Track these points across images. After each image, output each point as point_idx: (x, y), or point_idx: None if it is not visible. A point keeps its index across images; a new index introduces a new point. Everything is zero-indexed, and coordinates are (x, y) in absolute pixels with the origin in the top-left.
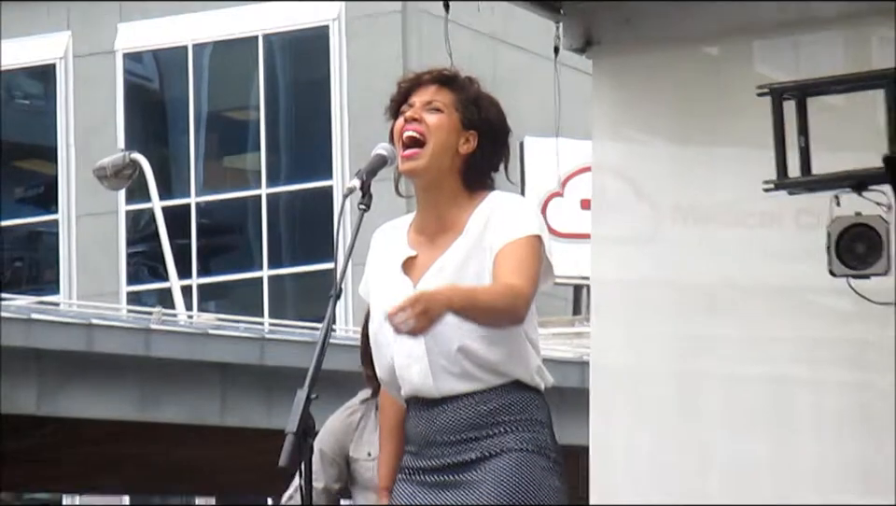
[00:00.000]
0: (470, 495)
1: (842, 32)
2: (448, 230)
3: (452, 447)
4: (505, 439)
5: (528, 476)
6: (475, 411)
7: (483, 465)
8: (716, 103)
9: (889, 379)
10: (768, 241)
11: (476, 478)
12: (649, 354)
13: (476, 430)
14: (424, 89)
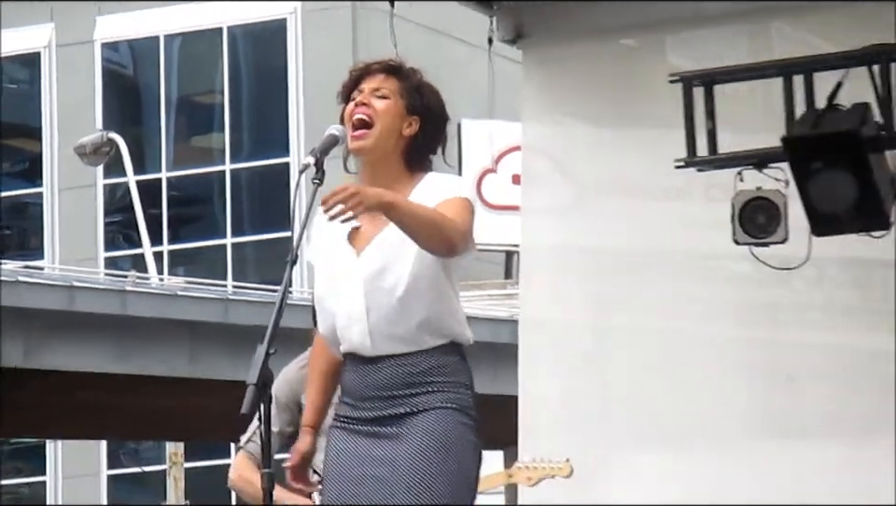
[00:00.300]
0: (400, 445)
1: (745, 26)
2: None
3: (385, 402)
4: (433, 397)
5: (451, 431)
6: (408, 371)
7: (413, 419)
8: (633, 89)
9: (786, 335)
10: (679, 212)
11: (405, 431)
12: (571, 312)
13: (408, 388)
14: (372, 77)
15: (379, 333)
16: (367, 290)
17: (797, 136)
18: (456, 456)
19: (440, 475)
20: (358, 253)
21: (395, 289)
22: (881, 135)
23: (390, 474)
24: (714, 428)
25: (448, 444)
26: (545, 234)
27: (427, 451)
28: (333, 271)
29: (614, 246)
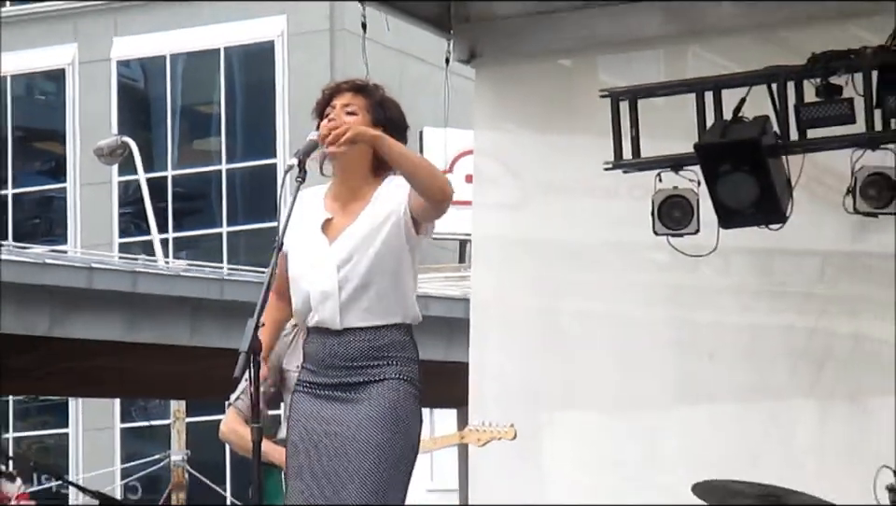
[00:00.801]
0: (359, 408)
1: (664, 50)
2: (358, 199)
3: (347, 371)
4: (388, 369)
5: (401, 400)
6: (368, 345)
7: (370, 387)
8: (569, 103)
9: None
10: (607, 208)
11: (363, 397)
12: (514, 294)
13: (368, 360)
14: (342, 95)
15: (347, 310)
16: (339, 273)
17: (707, 144)
18: (405, 420)
19: (391, 436)
20: (331, 242)
21: (363, 273)
22: (778, 144)
23: (347, 432)
24: (643, 396)
25: (398, 411)
26: (493, 226)
27: (382, 415)
28: (308, 256)
29: (552, 238)
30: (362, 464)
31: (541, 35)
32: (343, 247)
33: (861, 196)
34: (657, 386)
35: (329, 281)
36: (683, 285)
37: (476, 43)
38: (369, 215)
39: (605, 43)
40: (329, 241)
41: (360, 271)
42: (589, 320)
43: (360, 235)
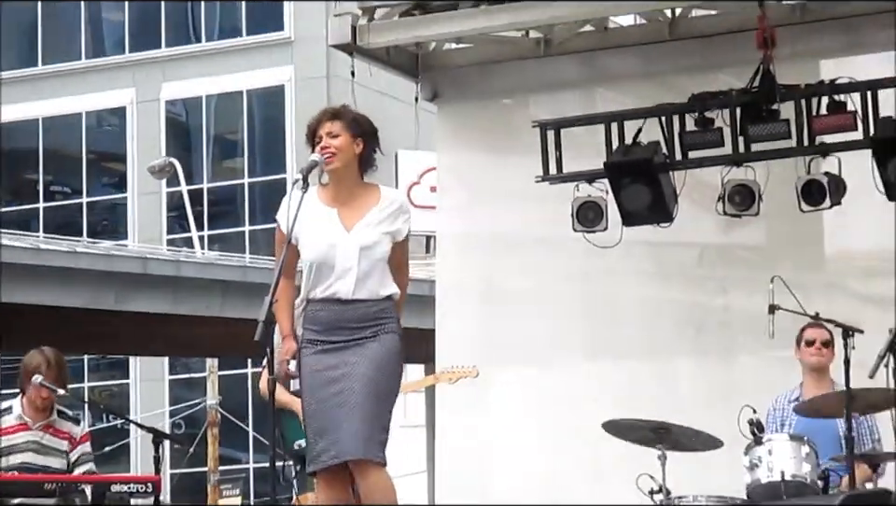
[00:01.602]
0: (356, 356)
1: (579, 91)
2: (357, 196)
3: (350, 331)
4: (383, 328)
5: (393, 347)
6: (368, 312)
7: (367, 342)
8: (508, 131)
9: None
10: (538, 211)
11: (362, 349)
12: (468, 276)
13: (367, 323)
14: (323, 124)
15: (358, 285)
16: (360, 254)
17: (613, 162)
18: (392, 365)
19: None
20: (349, 230)
21: (375, 259)
22: (666, 162)
23: (351, 370)
24: (565, 353)
25: (388, 358)
26: (451, 225)
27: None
28: (326, 240)
29: (496, 233)
30: (360, 393)
31: (487, 80)
32: (364, 236)
33: (729, 202)
34: (575, 345)
35: (351, 260)
36: (595, 269)
37: (437, 86)
38: (379, 218)
39: (535, 86)
40: (347, 229)
41: (374, 257)
42: (524, 296)
43: (378, 231)
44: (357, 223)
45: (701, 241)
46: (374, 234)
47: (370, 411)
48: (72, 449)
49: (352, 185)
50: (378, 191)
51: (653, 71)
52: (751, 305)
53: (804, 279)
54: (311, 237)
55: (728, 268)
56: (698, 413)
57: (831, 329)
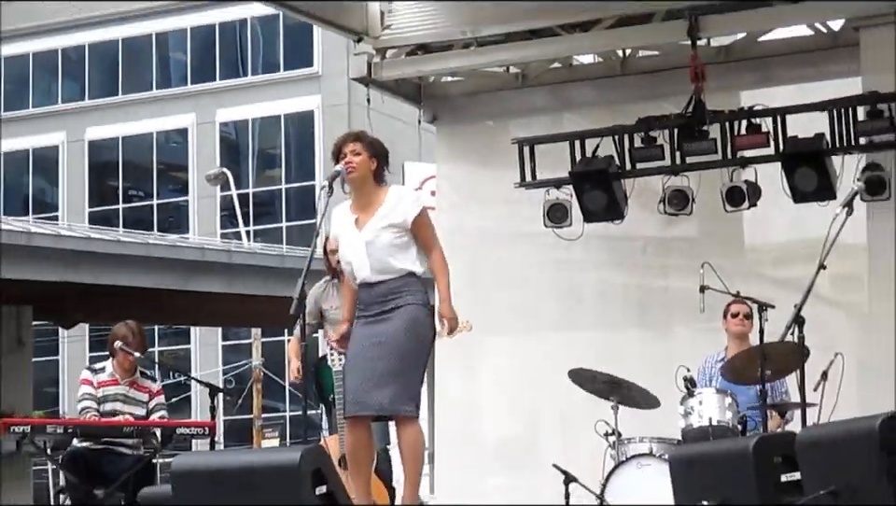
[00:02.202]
0: (391, 324)
1: (548, 116)
2: (372, 203)
3: (379, 305)
4: (405, 300)
5: (416, 316)
6: (389, 288)
7: (397, 311)
8: (492, 147)
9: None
10: (516, 210)
11: (394, 316)
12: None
13: (392, 295)
14: (347, 143)
15: (375, 268)
16: (367, 250)
17: (577, 172)
18: (420, 329)
19: (407, 340)
20: (360, 231)
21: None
22: (619, 172)
23: (386, 338)
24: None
25: (416, 322)
26: (448, 222)
27: (406, 326)
28: (347, 242)
29: (484, 228)
30: (390, 356)
31: (475, 106)
32: (367, 233)
33: (668, 204)
34: (546, 318)
35: (361, 254)
36: (561, 257)
37: (436, 111)
38: (380, 215)
39: (514, 111)
40: (359, 230)
41: (379, 246)
42: (504, 279)
43: (379, 226)
44: (367, 223)
45: (646, 235)
46: (376, 229)
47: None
48: (149, 400)
49: (368, 192)
50: (387, 192)
51: (608, 99)
52: (686, 287)
53: (727, 265)
54: (341, 241)
55: (667, 257)
56: (643, 372)
57: (749, 304)
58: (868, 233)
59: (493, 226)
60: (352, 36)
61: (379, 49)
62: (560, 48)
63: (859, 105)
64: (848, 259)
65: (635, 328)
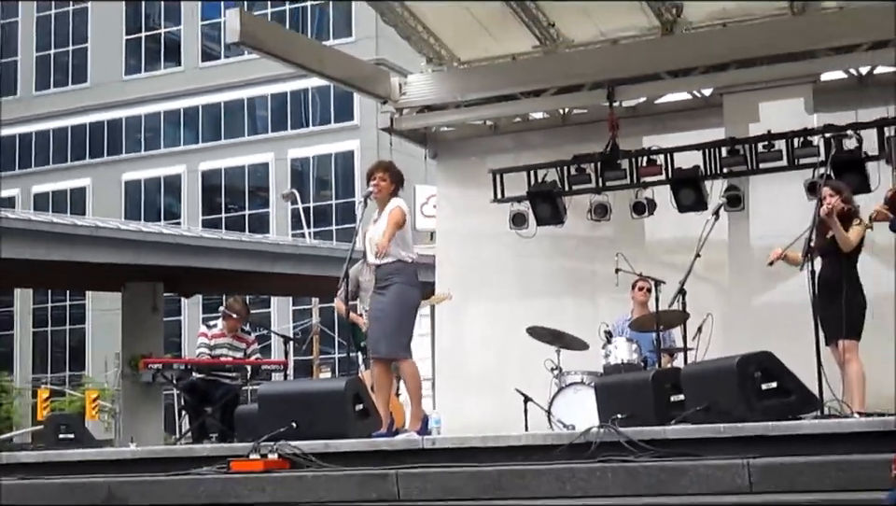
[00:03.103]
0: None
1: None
2: (384, 212)
3: (381, 281)
4: (396, 278)
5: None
6: (384, 271)
7: (389, 287)
8: (476, 175)
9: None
10: (492, 218)
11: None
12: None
13: (386, 275)
14: (377, 171)
15: (377, 256)
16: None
17: (532, 192)
18: (407, 299)
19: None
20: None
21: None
22: (561, 191)
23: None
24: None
25: (403, 295)
26: (444, 227)
27: (391, 300)
28: (363, 237)
29: (469, 230)
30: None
31: (463, 147)
32: (371, 232)
33: (594, 213)
34: (511, 291)
35: (370, 246)
36: (522, 250)
37: (437, 150)
38: (383, 217)
39: (489, 150)
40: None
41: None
42: (482, 264)
43: (379, 228)
44: (374, 225)
45: (578, 234)
46: (378, 230)
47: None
48: (247, 348)
49: (384, 203)
50: (391, 203)
51: (553, 143)
52: (606, 269)
53: (634, 255)
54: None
55: (593, 249)
56: (577, 327)
57: (649, 281)
58: (729, 233)
59: (475, 228)
60: (379, 100)
61: (398, 109)
62: (520, 108)
63: (722, 146)
64: (715, 250)
65: (571, 297)
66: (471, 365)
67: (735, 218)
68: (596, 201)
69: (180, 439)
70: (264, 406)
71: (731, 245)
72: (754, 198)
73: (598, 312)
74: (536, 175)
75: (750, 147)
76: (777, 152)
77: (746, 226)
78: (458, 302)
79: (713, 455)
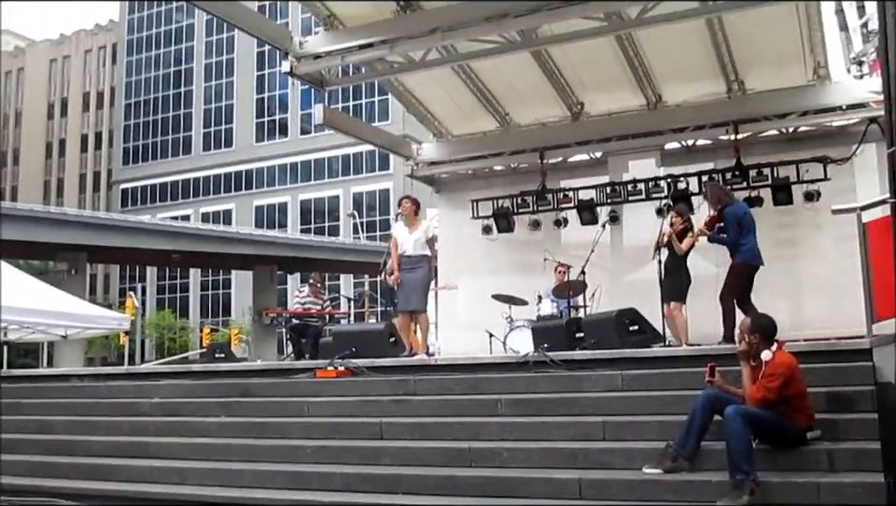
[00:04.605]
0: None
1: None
2: (413, 225)
3: (411, 264)
4: (420, 264)
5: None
6: (413, 258)
7: (417, 269)
8: (462, 202)
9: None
10: (472, 229)
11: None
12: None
13: (415, 262)
14: (404, 201)
15: (410, 249)
16: (410, 244)
17: (495, 213)
18: (426, 277)
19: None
20: (409, 235)
21: (414, 243)
22: (512, 213)
23: (412, 280)
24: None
25: (422, 275)
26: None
27: (420, 276)
28: (402, 238)
29: (458, 237)
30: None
31: (455, 185)
32: (413, 237)
33: (531, 226)
34: (483, 273)
35: (408, 244)
36: (489, 249)
37: (439, 187)
38: (418, 232)
39: (471, 188)
40: (409, 235)
41: (412, 242)
42: (465, 257)
43: (414, 236)
44: (412, 233)
45: (522, 238)
46: (414, 236)
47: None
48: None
49: (411, 221)
50: (421, 224)
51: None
52: (538, 259)
53: (555, 250)
54: (399, 237)
55: (531, 247)
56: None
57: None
58: (611, 238)
59: (461, 234)
60: (404, 158)
61: (416, 163)
62: (487, 163)
63: (607, 186)
64: (603, 248)
65: (518, 276)
66: (458, 316)
67: (614, 230)
68: (533, 218)
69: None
70: (336, 339)
71: (612, 245)
72: (625, 217)
73: (534, 284)
74: (497, 203)
75: (623, 187)
76: (639, 190)
77: (620, 234)
78: (451, 280)
79: (601, 369)
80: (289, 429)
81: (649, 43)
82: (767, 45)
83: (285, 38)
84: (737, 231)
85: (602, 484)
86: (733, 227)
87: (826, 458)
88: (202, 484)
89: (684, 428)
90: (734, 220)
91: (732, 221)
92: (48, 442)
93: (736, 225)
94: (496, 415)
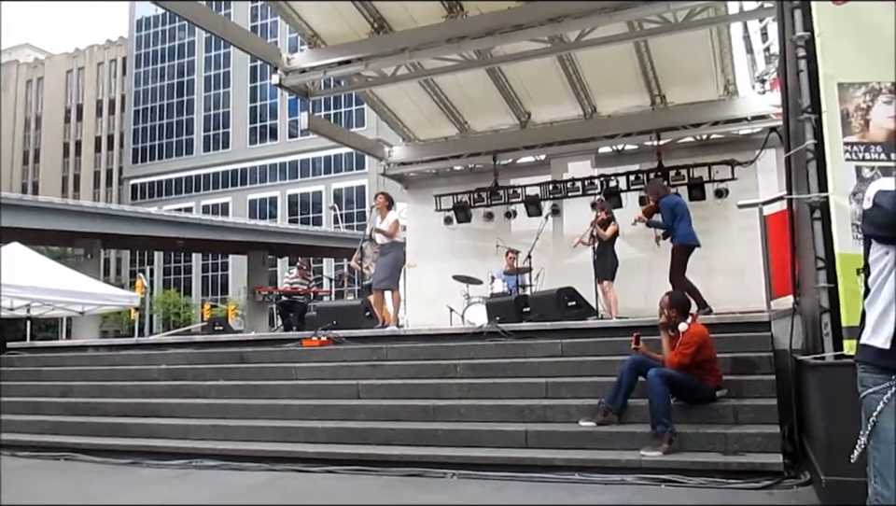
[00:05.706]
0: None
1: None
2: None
3: (383, 250)
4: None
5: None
6: (388, 245)
7: (389, 253)
8: (427, 196)
9: (453, 242)
10: (436, 219)
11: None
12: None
13: (388, 248)
14: (379, 196)
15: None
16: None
17: (455, 206)
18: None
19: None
20: (378, 225)
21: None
22: (469, 206)
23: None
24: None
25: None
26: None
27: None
28: (371, 228)
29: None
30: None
31: (421, 182)
32: (379, 227)
33: (486, 217)
34: (444, 258)
35: (377, 234)
36: (450, 236)
37: (407, 184)
38: (386, 221)
39: (435, 185)
40: (378, 224)
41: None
42: (431, 244)
43: (384, 225)
44: (380, 224)
45: (478, 228)
46: (383, 226)
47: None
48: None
49: (383, 213)
50: (389, 216)
51: (466, 181)
52: (491, 246)
53: (506, 238)
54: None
55: (486, 235)
56: (478, 274)
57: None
58: (553, 228)
59: (426, 224)
60: (378, 159)
61: (388, 163)
62: (448, 164)
63: (550, 185)
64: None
65: (474, 259)
66: (424, 293)
67: (556, 221)
68: (487, 211)
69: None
70: (319, 313)
71: (554, 234)
72: (565, 210)
73: (488, 266)
74: (457, 198)
75: (563, 184)
76: (577, 187)
77: (561, 225)
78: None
79: (544, 338)
80: (279, 391)
81: (586, 62)
82: (685, 65)
83: (274, 55)
84: (671, 217)
85: (544, 435)
86: (667, 213)
87: (732, 413)
88: (203, 439)
89: (613, 388)
90: (667, 209)
91: (665, 209)
92: (68, 404)
93: (670, 212)
94: (455, 377)
